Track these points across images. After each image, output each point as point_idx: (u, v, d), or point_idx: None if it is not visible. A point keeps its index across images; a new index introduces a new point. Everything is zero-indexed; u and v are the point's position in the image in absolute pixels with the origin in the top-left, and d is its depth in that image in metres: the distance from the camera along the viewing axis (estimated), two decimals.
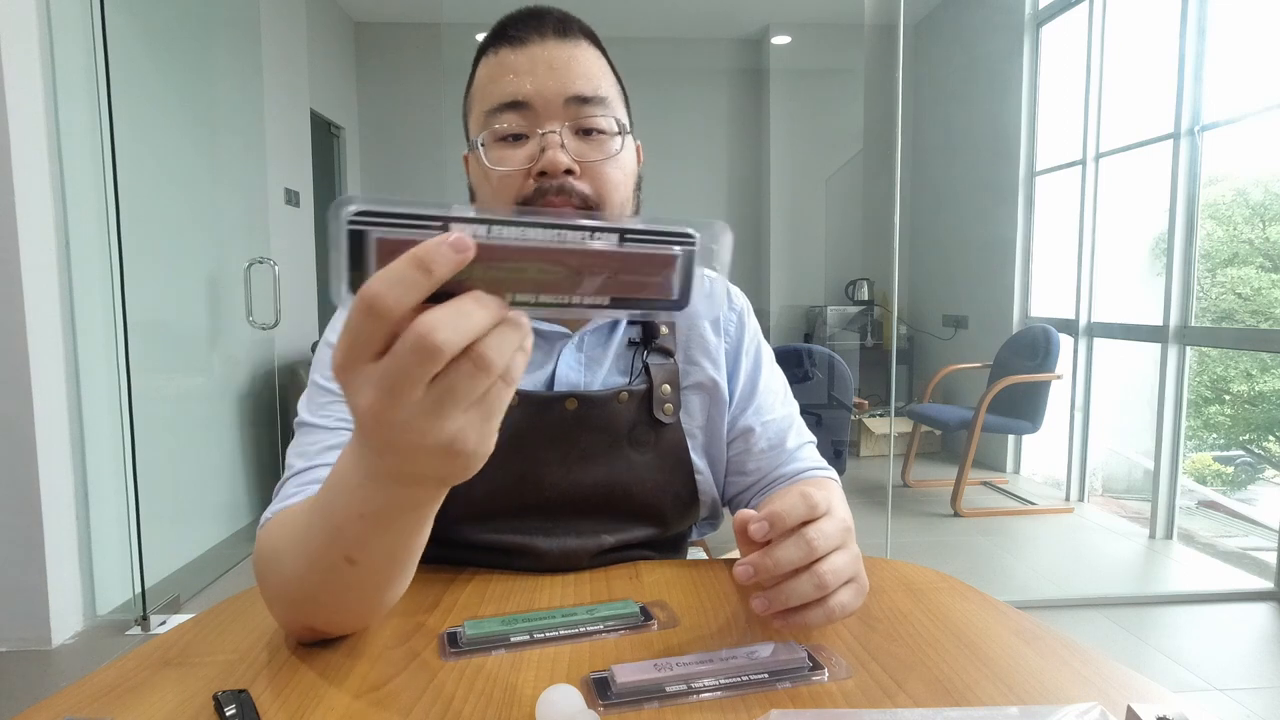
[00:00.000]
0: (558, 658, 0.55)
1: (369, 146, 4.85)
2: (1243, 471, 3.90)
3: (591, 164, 0.70)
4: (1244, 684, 1.93)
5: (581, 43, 0.72)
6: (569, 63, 0.70)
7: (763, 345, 0.87)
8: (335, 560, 0.49)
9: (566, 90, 0.69)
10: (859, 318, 4.80)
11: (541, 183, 0.68)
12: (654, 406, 0.77)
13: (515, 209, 0.43)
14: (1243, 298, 3.62)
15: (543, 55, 0.70)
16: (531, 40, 0.70)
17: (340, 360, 0.36)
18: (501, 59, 0.71)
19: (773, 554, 0.53)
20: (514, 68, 0.70)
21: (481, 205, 0.73)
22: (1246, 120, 2.93)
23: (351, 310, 0.34)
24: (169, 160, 2.71)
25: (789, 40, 4.94)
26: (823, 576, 0.53)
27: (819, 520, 0.54)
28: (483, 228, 0.34)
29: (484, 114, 0.71)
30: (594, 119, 0.70)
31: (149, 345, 2.47)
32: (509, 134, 0.70)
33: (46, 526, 2.09)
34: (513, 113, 0.69)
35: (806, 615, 0.54)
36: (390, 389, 0.35)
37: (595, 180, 0.70)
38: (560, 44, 0.71)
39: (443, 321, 0.33)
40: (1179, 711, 0.42)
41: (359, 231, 0.33)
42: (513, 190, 0.69)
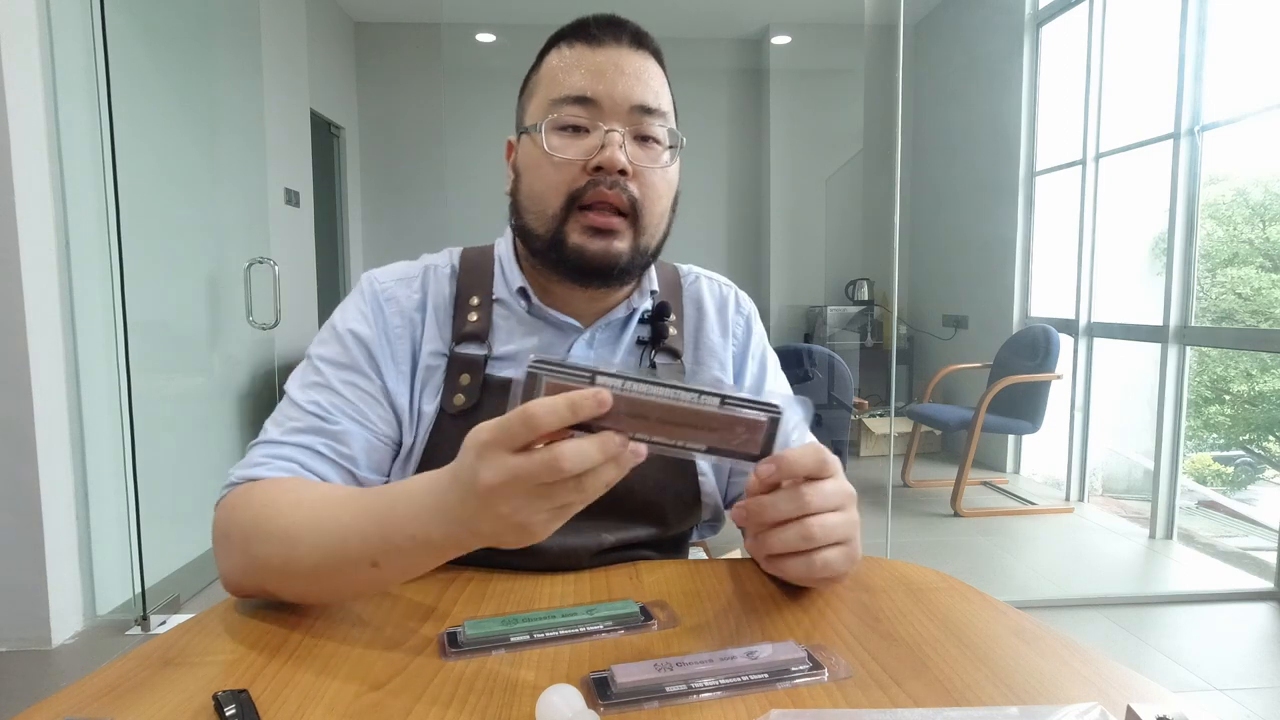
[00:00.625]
0: (558, 658, 0.55)
1: (369, 146, 4.85)
2: (1243, 471, 3.90)
3: (643, 169, 0.72)
4: (1244, 684, 1.93)
5: (651, 58, 0.75)
6: (639, 72, 0.73)
7: (768, 349, 0.89)
8: (361, 560, 0.55)
9: (633, 97, 0.71)
10: (859, 318, 4.80)
11: (596, 177, 0.70)
12: None
13: (644, 370, 0.51)
14: (1243, 298, 3.62)
15: (617, 59, 0.72)
16: (608, 43, 0.72)
17: (487, 439, 0.46)
18: (578, 54, 0.73)
19: (765, 500, 0.57)
20: (588, 64, 0.72)
21: (528, 187, 0.75)
22: (1246, 120, 2.93)
23: (515, 415, 0.45)
24: (169, 160, 2.71)
25: (789, 40, 4.94)
26: (810, 529, 0.57)
27: (823, 480, 0.57)
28: (619, 382, 0.46)
29: (550, 101, 0.72)
30: (653, 129, 0.73)
31: (149, 345, 2.47)
32: (570, 125, 0.71)
33: (46, 526, 2.09)
34: (579, 107, 0.71)
35: (786, 564, 0.58)
36: (513, 480, 0.45)
37: (643, 185, 0.72)
38: (634, 53, 0.73)
39: (571, 453, 0.45)
40: (1179, 711, 0.42)
41: (535, 374, 0.47)
42: (568, 179, 0.71)
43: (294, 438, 0.70)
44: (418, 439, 0.75)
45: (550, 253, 0.73)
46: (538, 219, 0.73)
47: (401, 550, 0.53)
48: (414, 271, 0.80)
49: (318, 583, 0.58)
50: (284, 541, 0.58)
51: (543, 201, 0.72)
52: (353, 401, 0.72)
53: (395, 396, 0.75)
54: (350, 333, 0.75)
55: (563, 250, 0.72)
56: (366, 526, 0.55)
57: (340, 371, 0.73)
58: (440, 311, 0.78)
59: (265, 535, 0.60)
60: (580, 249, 0.71)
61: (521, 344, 0.77)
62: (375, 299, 0.77)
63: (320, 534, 0.57)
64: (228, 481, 0.68)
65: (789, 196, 5.02)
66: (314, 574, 0.57)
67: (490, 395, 0.75)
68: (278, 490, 0.64)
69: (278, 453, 0.69)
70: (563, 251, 0.72)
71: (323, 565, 0.56)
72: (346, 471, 0.71)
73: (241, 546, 0.62)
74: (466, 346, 0.76)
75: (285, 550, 0.58)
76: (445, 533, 0.51)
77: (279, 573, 0.59)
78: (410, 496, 0.53)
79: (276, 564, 0.59)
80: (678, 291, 0.85)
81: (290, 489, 0.64)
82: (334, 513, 0.57)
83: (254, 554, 0.61)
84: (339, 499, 0.59)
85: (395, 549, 0.53)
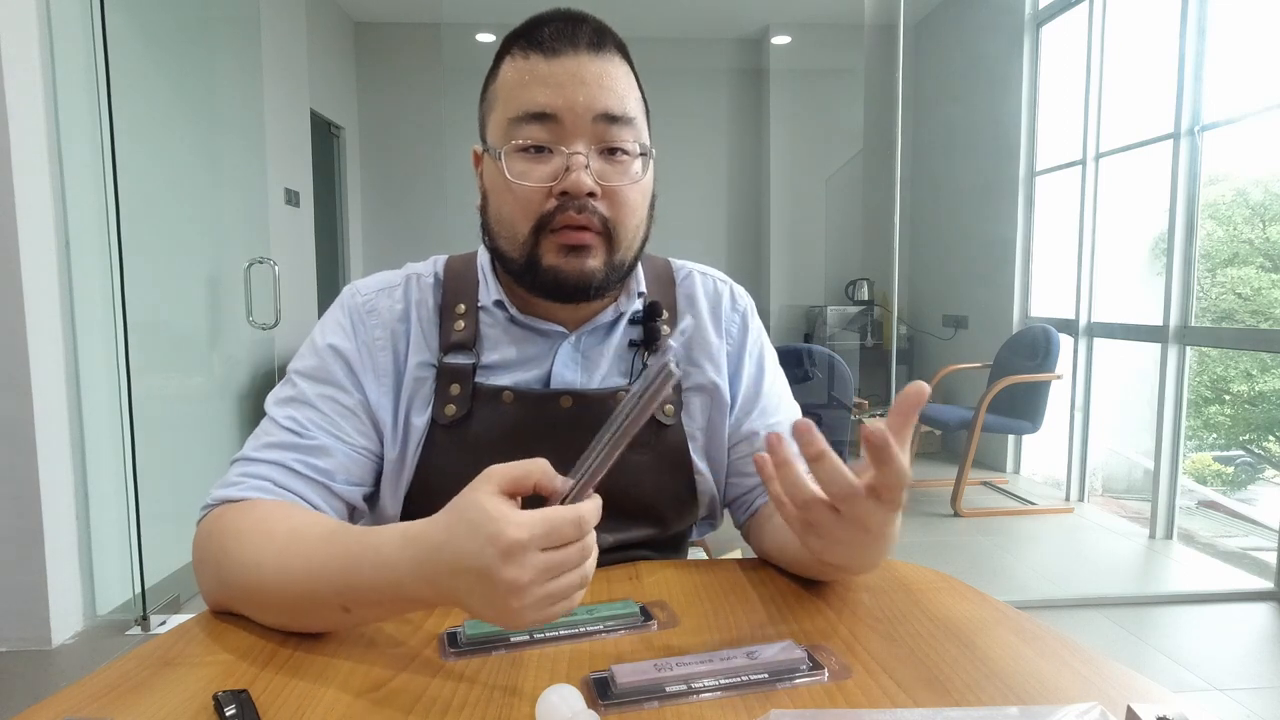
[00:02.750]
0: (558, 658, 0.55)
1: (369, 146, 4.85)
2: (1243, 471, 3.90)
3: (612, 187, 0.69)
4: (1244, 684, 1.93)
5: (614, 57, 0.71)
6: (600, 78, 0.69)
7: (766, 346, 0.87)
8: (330, 604, 0.55)
9: (595, 107, 0.68)
10: (859, 318, 4.80)
11: (563, 201, 0.68)
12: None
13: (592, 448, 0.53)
14: (1243, 298, 3.62)
15: (575, 68, 0.68)
16: (565, 51, 0.68)
17: (524, 539, 0.47)
18: (532, 65, 0.69)
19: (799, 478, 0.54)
20: (544, 78, 0.68)
21: (495, 211, 0.72)
22: (1246, 120, 2.93)
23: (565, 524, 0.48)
24: (169, 160, 2.71)
25: (789, 40, 4.94)
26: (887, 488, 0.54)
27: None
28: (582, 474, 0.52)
29: (508, 120, 0.69)
30: (620, 140, 0.70)
31: (149, 345, 2.47)
32: (532, 146, 0.68)
33: (46, 526, 2.09)
34: (538, 125, 0.68)
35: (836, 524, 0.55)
36: (545, 570, 0.48)
37: (614, 203, 0.70)
38: (594, 58, 0.69)
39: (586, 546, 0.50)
40: (1179, 711, 0.42)
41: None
42: (534, 206, 0.69)
43: (268, 454, 0.69)
44: (409, 452, 0.74)
45: (526, 275, 0.72)
46: (509, 243, 0.72)
47: (371, 602, 0.54)
48: (396, 280, 0.79)
49: (288, 616, 0.58)
50: (254, 572, 0.59)
51: (511, 227, 0.71)
52: (330, 416, 0.72)
53: (376, 410, 0.74)
54: (329, 347, 0.74)
55: (538, 272, 0.71)
56: (335, 574, 0.54)
57: (317, 386, 0.73)
58: (425, 321, 0.77)
59: (236, 564, 0.60)
60: (555, 269, 0.70)
61: (507, 352, 0.76)
62: (356, 311, 0.76)
63: (288, 573, 0.57)
64: (206, 502, 0.69)
65: (789, 196, 5.02)
66: (282, 609, 0.58)
67: (480, 404, 0.74)
68: (251, 519, 0.63)
69: (252, 471, 0.69)
70: (538, 273, 0.71)
71: (291, 604, 0.57)
72: (322, 486, 0.70)
73: (214, 572, 0.62)
74: (454, 356, 0.75)
75: (254, 582, 0.58)
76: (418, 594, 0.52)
77: (249, 603, 0.60)
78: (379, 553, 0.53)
79: (246, 594, 0.60)
80: (671, 288, 0.84)
81: (263, 518, 0.63)
82: (305, 551, 0.57)
83: (225, 581, 0.61)
84: (311, 538, 0.58)
85: (366, 600, 0.54)
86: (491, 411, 0.74)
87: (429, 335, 0.77)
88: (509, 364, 0.76)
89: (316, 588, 0.55)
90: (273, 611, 0.59)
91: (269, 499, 0.67)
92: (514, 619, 0.48)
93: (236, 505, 0.66)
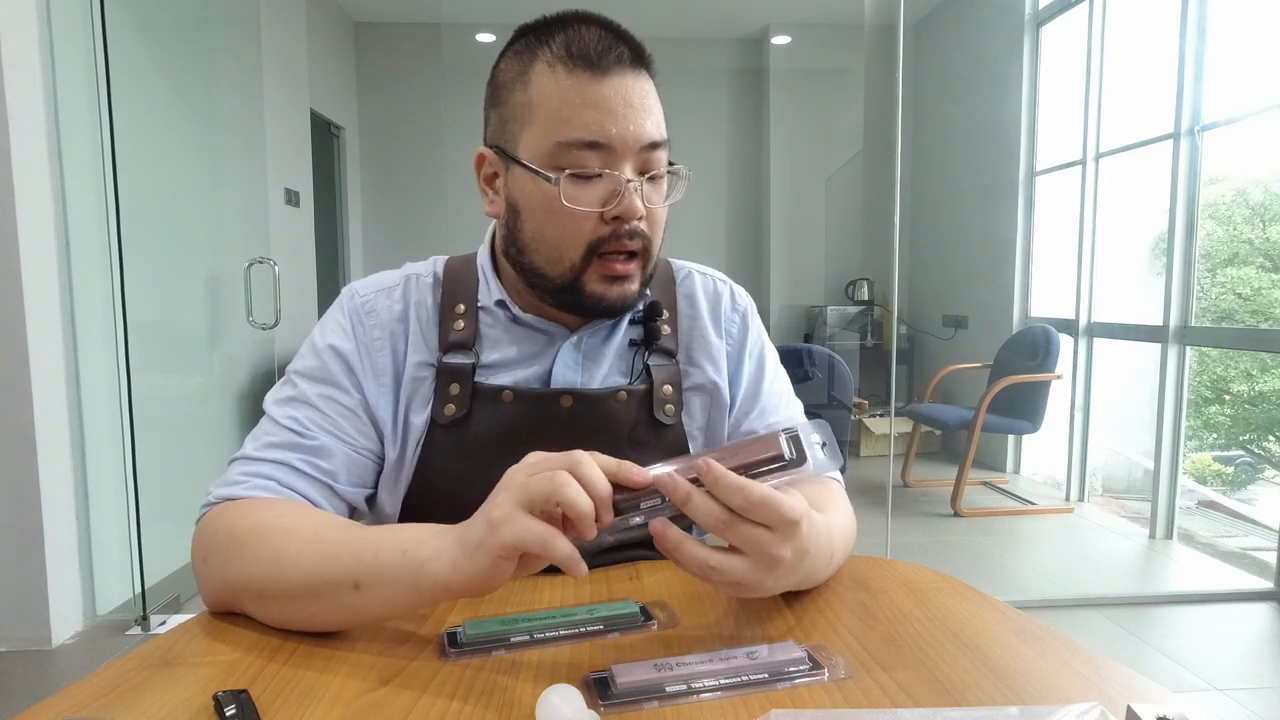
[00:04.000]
0: (558, 658, 0.55)
1: (369, 146, 4.85)
2: (1243, 471, 3.90)
3: (651, 209, 0.71)
4: (1244, 684, 1.93)
5: (647, 74, 0.71)
6: (644, 101, 0.69)
7: (766, 346, 0.86)
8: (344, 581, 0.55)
9: (644, 136, 0.68)
10: (859, 318, 4.80)
11: (616, 227, 0.69)
12: (655, 407, 0.76)
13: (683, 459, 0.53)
14: (1243, 298, 3.62)
15: (623, 92, 0.67)
16: (613, 72, 0.67)
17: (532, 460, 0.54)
18: (582, 86, 0.67)
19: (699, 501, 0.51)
20: (595, 102, 0.67)
21: (535, 231, 0.71)
22: (1246, 120, 2.93)
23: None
24: (169, 160, 2.71)
25: (789, 40, 4.94)
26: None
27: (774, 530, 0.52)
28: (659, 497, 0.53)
29: (558, 144, 0.67)
30: (661, 165, 0.71)
31: (149, 345, 2.47)
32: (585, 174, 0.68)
33: (46, 526, 2.09)
34: (592, 152, 0.67)
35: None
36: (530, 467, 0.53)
37: (652, 224, 0.72)
38: (636, 78, 0.69)
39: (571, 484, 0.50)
40: (1179, 711, 0.42)
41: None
42: (587, 230, 0.69)
43: (271, 454, 0.69)
44: (408, 451, 0.75)
45: (564, 295, 0.72)
46: (552, 265, 0.71)
47: (388, 570, 0.54)
48: (395, 281, 0.79)
49: (297, 604, 0.58)
50: (271, 561, 0.59)
51: (558, 250, 0.70)
52: (330, 416, 0.72)
53: (375, 410, 0.74)
54: (329, 348, 0.74)
55: (580, 296, 0.71)
56: (354, 552, 0.56)
57: (318, 386, 0.73)
58: (424, 321, 0.77)
59: (253, 555, 0.60)
60: (600, 296, 0.71)
61: (507, 351, 0.77)
62: (354, 312, 0.76)
63: (308, 553, 0.57)
64: (206, 500, 0.69)
65: (789, 196, 5.02)
66: (295, 595, 0.57)
67: (480, 404, 0.74)
68: (270, 513, 0.63)
69: (255, 470, 0.69)
70: (580, 297, 0.71)
71: (306, 586, 0.57)
72: (325, 486, 0.71)
73: (221, 567, 0.62)
74: (454, 356, 0.75)
75: (270, 570, 0.58)
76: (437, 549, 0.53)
77: (259, 593, 0.59)
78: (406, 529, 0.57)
79: (258, 584, 0.59)
80: (671, 287, 0.84)
81: (283, 512, 0.64)
82: (329, 539, 0.59)
83: (235, 574, 0.61)
84: (336, 527, 0.61)
85: (382, 567, 0.54)
86: (491, 411, 0.74)
87: (428, 335, 0.77)
88: (509, 363, 0.76)
89: (333, 568, 0.56)
90: (282, 602, 0.58)
91: (276, 498, 0.67)
92: (493, 521, 0.50)
93: (244, 503, 0.66)
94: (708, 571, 0.52)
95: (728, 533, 0.51)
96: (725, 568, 0.52)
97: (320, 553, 0.57)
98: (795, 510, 0.52)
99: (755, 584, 0.53)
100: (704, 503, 0.51)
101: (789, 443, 0.54)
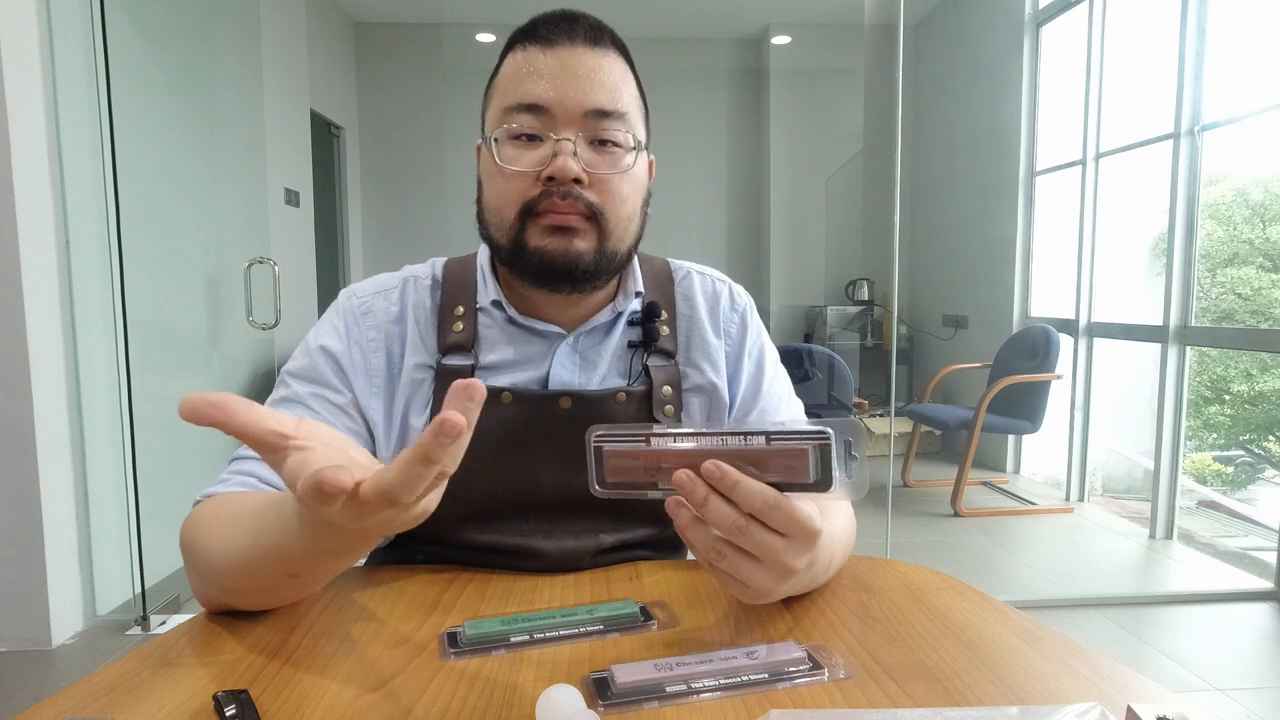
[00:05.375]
0: (558, 658, 0.55)
1: (369, 146, 4.85)
2: (1243, 471, 3.90)
3: (600, 175, 0.70)
4: (1244, 684, 1.93)
5: (610, 53, 0.72)
6: (594, 73, 0.70)
7: (766, 346, 0.86)
8: (278, 573, 0.55)
9: (587, 102, 0.69)
10: (859, 318, 4.81)
11: (549, 187, 0.69)
12: (654, 408, 0.76)
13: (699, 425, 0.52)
14: (1243, 298, 3.62)
15: (570, 61, 0.69)
16: (561, 43, 0.70)
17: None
18: (529, 57, 0.70)
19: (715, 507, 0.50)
20: (539, 69, 0.69)
21: (486, 198, 0.74)
22: (1246, 120, 2.93)
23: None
24: (169, 160, 2.71)
25: (789, 40, 4.94)
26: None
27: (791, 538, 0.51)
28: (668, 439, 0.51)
29: (502, 110, 0.71)
30: (610, 132, 0.70)
31: (149, 345, 2.47)
32: (523, 134, 0.70)
33: (46, 526, 2.09)
34: (530, 115, 0.69)
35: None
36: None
37: (602, 191, 0.71)
38: (589, 51, 0.70)
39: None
40: (1179, 711, 0.42)
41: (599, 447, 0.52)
42: (521, 190, 0.70)
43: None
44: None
45: (514, 259, 0.72)
46: (498, 229, 0.72)
47: (311, 561, 0.53)
48: (393, 283, 0.79)
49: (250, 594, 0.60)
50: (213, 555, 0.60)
51: (499, 214, 0.72)
52: (320, 414, 0.73)
53: (367, 410, 0.75)
54: (320, 348, 0.75)
55: (524, 255, 0.71)
56: (271, 544, 0.54)
57: (309, 386, 0.74)
58: (422, 323, 0.77)
59: (199, 552, 0.62)
60: (541, 251, 0.70)
61: (505, 353, 0.77)
62: (350, 313, 0.77)
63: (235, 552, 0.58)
64: (195, 499, 0.70)
65: (789, 196, 5.02)
66: (242, 589, 0.59)
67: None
68: (211, 508, 0.65)
69: (239, 468, 0.71)
70: (524, 256, 0.71)
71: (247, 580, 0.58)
72: None
73: (191, 564, 0.64)
74: (452, 357, 0.75)
75: (214, 566, 0.60)
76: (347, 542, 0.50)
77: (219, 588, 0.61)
78: (290, 520, 0.53)
79: (213, 580, 0.61)
80: (669, 288, 0.84)
81: (218, 505, 0.65)
82: (246, 527, 0.58)
83: (196, 571, 0.63)
84: (248, 515, 0.58)
85: (304, 563, 0.54)
86: (491, 413, 0.74)
87: (426, 337, 0.77)
88: (507, 365, 0.76)
89: (261, 561, 0.56)
90: (237, 592, 0.60)
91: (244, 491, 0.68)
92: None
93: (218, 496, 0.67)
94: (717, 559, 0.52)
95: (743, 539, 0.51)
96: (737, 566, 0.52)
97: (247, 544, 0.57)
98: (816, 521, 0.52)
99: (764, 591, 0.53)
100: (720, 508, 0.50)
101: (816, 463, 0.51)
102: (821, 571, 0.61)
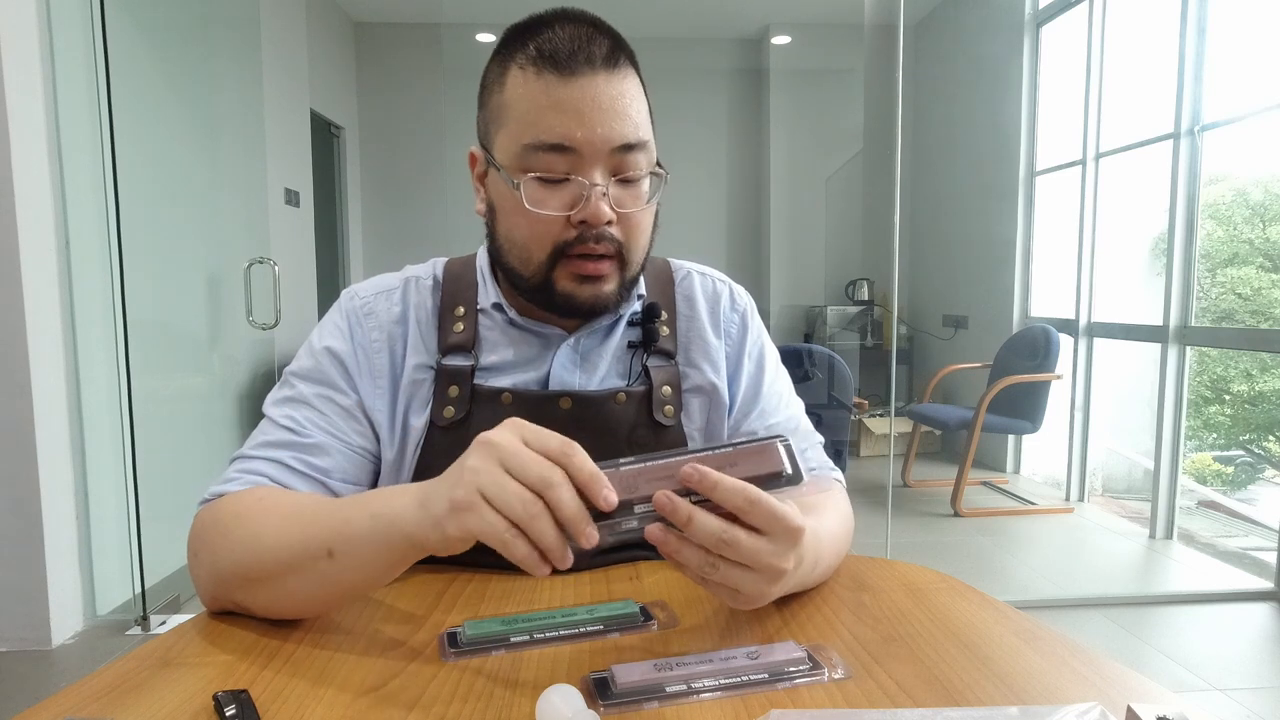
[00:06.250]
0: (558, 658, 0.55)
1: (369, 146, 4.85)
2: (1243, 471, 3.90)
3: (626, 213, 0.69)
4: (1244, 684, 1.93)
5: (628, 73, 0.69)
6: (616, 103, 0.67)
7: (766, 346, 0.86)
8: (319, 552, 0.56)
9: (614, 138, 0.66)
10: (859, 318, 4.81)
11: (582, 230, 0.68)
12: (654, 408, 0.76)
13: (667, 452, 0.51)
14: (1243, 298, 3.62)
15: (592, 94, 0.66)
16: (581, 72, 0.65)
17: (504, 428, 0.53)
18: (548, 88, 0.65)
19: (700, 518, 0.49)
20: (560, 103, 0.65)
21: (506, 231, 0.71)
22: (1246, 120, 2.93)
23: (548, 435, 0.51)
24: (169, 160, 2.71)
25: (789, 40, 4.94)
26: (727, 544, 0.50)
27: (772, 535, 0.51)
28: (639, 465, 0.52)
29: (522, 146, 0.67)
30: (635, 167, 0.69)
31: (149, 345, 2.47)
32: (550, 177, 0.67)
33: (46, 526, 2.09)
34: (557, 155, 0.66)
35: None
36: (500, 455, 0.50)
37: (627, 228, 0.70)
38: (609, 78, 0.67)
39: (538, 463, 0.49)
40: (1179, 711, 0.42)
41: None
42: (552, 234, 0.68)
43: (265, 452, 0.70)
44: (408, 453, 0.75)
45: (538, 294, 0.72)
46: (523, 265, 0.71)
47: (358, 534, 0.55)
48: (394, 283, 0.79)
49: (279, 583, 0.58)
50: (251, 541, 0.60)
51: (527, 251, 0.70)
52: (327, 415, 0.73)
53: (372, 411, 0.75)
54: (325, 350, 0.75)
55: (552, 295, 0.71)
56: (328, 513, 0.57)
57: (315, 387, 0.74)
58: (423, 324, 0.77)
59: (235, 539, 0.61)
60: (570, 295, 0.70)
61: (506, 354, 0.77)
62: (353, 314, 0.77)
63: (284, 529, 0.59)
64: (202, 498, 0.69)
65: (789, 196, 5.02)
66: (275, 573, 0.58)
67: (479, 406, 0.74)
68: (250, 499, 0.65)
69: (248, 467, 0.70)
70: (552, 296, 0.71)
71: (285, 561, 0.57)
72: (318, 483, 0.71)
73: (210, 560, 0.63)
74: (453, 358, 0.75)
75: (251, 549, 0.60)
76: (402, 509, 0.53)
77: (244, 577, 0.60)
78: (376, 494, 0.57)
79: (243, 567, 0.60)
80: (670, 288, 0.83)
81: (262, 496, 0.65)
82: (301, 509, 0.60)
83: (221, 562, 0.62)
84: (309, 499, 0.61)
85: (353, 532, 0.55)
86: (490, 413, 0.73)
87: (427, 337, 0.77)
88: (508, 365, 0.76)
89: (307, 538, 0.57)
90: (265, 584, 0.59)
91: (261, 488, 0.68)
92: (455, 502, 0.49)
93: (231, 495, 0.67)
94: (710, 573, 0.51)
95: (730, 550, 0.50)
96: (729, 575, 0.51)
97: (294, 526, 0.58)
98: (797, 518, 0.51)
99: (756, 595, 0.53)
100: (706, 523, 0.49)
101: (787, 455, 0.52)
102: (810, 569, 0.60)
